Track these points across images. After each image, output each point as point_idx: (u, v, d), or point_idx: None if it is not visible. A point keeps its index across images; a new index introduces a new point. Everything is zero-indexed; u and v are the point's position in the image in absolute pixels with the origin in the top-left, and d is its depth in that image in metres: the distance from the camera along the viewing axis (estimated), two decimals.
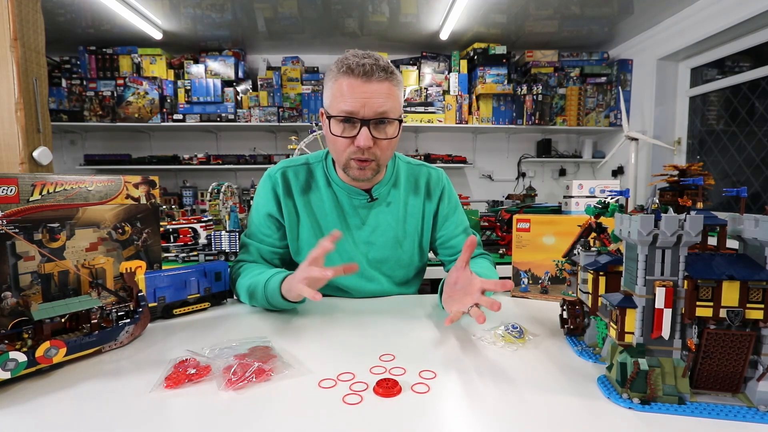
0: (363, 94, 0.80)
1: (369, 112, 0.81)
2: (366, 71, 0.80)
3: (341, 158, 0.88)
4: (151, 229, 0.91)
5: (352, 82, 0.80)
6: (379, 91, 0.81)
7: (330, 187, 0.99)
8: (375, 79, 0.80)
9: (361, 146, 0.83)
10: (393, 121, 0.85)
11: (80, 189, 0.78)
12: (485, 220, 2.26)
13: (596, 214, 0.71)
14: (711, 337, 0.48)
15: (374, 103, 0.81)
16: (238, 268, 0.96)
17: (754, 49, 2.45)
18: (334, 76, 0.83)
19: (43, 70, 1.58)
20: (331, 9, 2.66)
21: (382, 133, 0.85)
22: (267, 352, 0.62)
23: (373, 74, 0.80)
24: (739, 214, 0.50)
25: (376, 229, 0.99)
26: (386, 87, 0.82)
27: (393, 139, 0.87)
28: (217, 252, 1.89)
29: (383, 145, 0.86)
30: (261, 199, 0.99)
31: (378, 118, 0.82)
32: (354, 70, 0.80)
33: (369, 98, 0.80)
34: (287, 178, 0.98)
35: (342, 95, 0.81)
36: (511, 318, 0.80)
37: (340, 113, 0.82)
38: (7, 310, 0.67)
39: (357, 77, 0.80)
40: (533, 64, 3.31)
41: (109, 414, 0.48)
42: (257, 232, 1.00)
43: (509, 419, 0.47)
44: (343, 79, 0.81)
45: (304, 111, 3.21)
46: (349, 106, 0.81)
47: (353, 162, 0.87)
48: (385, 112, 0.82)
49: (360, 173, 0.88)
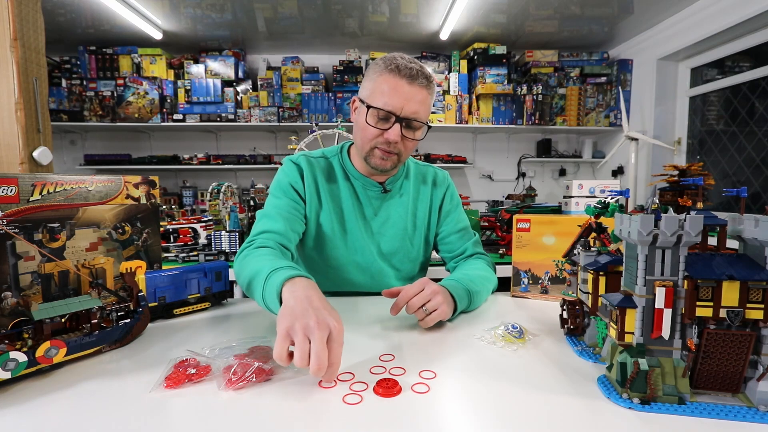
0: (405, 95, 0.86)
1: (405, 112, 0.87)
2: (412, 75, 0.86)
3: (367, 146, 0.93)
4: (151, 229, 0.91)
5: (398, 82, 0.86)
6: (417, 95, 0.88)
7: (347, 179, 1.03)
8: (417, 84, 0.87)
9: (391, 140, 0.89)
10: (422, 125, 0.92)
11: (80, 189, 0.78)
12: (485, 220, 2.26)
13: (596, 214, 0.71)
14: (711, 337, 0.48)
15: (412, 105, 0.87)
16: (246, 254, 0.84)
17: (754, 49, 2.45)
18: (380, 71, 0.88)
19: (43, 70, 1.58)
20: (331, 9, 2.66)
21: (411, 133, 0.92)
22: (267, 352, 0.62)
23: (417, 79, 0.87)
24: (739, 214, 0.50)
25: (387, 220, 1.04)
26: (424, 94, 0.89)
27: (417, 140, 0.94)
28: (217, 252, 1.90)
29: (408, 144, 0.93)
30: (283, 176, 0.99)
31: (411, 118, 0.88)
32: (401, 71, 0.86)
33: (409, 100, 0.87)
34: (311, 162, 1.01)
35: (385, 91, 0.87)
36: (511, 318, 0.80)
37: (381, 106, 0.87)
38: (7, 310, 0.67)
39: (402, 78, 0.86)
40: (533, 64, 3.31)
41: (109, 414, 0.48)
42: (273, 211, 0.94)
43: (509, 419, 0.47)
44: (388, 76, 0.87)
45: (304, 111, 3.21)
46: (391, 102, 0.86)
47: (378, 151, 0.92)
48: (418, 115, 0.89)
49: (381, 162, 0.94)
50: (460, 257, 1.06)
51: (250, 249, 0.85)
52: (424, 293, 0.74)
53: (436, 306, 0.74)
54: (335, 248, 1.00)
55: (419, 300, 0.73)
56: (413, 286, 0.75)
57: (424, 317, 0.74)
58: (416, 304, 0.73)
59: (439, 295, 0.75)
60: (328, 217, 0.99)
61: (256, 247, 0.85)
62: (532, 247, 0.99)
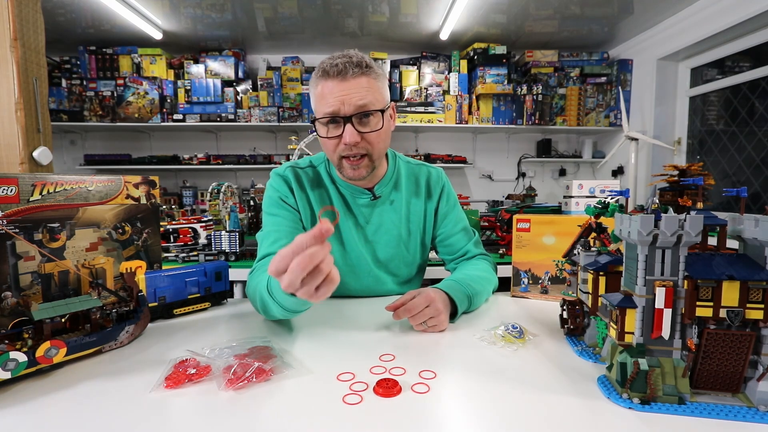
0: (341, 93, 0.82)
1: (349, 109, 0.83)
2: (340, 70, 0.81)
3: (335, 159, 0.89)
4: (151, 229, 0.91)
5: (330, 84, 0.82)
6: (356, 87, 0.82)
7: (335, 185, 1.00)
8: (350, 76, 0.82)
9: (348, 143, 0.84)
10: (376, 113, 0.86)
11: (80, 189, 0.78)
12: (485, 220, 2.26)
13: (596, 214, 0.71)
14: (711, 337, 0.48)
15: (353, 99, 0.82)
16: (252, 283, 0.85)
17: (754, 49, 2.45)
18: (315, 82, 0.86)
19: (43, 70, 1.58)
20: (331, 9, 2.66)
21: (367, 127, 0.86)
22: (267, 352, 0.62)
23: (347, 71, 0.82)
24: (739, 214, 0.50)
25: (380, 227, 1.01)
26: (364, 81, 0.83)
27: (380, 130, 0.87)
28: (217, 252, 1.89)
29: (371, 138, 0.87)
30: (272, 191, 0.97)
31: (360, 112, 0.83)
32: (329, 72, 0.82)
33: (347, 95, 0.82)
34: (298, 174, 0.99)
35: (323, 98, 0.84)
36: (511, 318, 0.80)
37: (323, 115, 0.84)
38: (7, 310, 0.67)
39: (333, 78, 0.82)
40: (533, 64, 3.31)
41: (109, 414, 0.48)
42: (271, 230, 0.93)
43: (509, 419, 0.47)
44: (321, 83, 0.84)
45: (304, 111, 3.21)
46: (330, 106, 0.83)
47: (345, 162, 0.88)
48: (366, 105, 0.83)
49: (353, 173, 0.89)
50: (462, 258, 1.05)
51: (254, 276, 0.85)
52: (428, 311, 0.74)
53: (437, 324, 0.75)
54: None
55: (422, 317, 0.74)
56: (418, 301, 0.75)
57: (423, 330, 0.75)
58: (418, 320, 0.74)
59: (442, 314, 0.75)
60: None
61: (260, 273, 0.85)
62: (532, 247, 0.99)
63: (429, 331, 0.75)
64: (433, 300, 0.75)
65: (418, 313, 0.74)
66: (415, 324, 0.75)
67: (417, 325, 0.75)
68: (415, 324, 0.75)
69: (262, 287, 0.75)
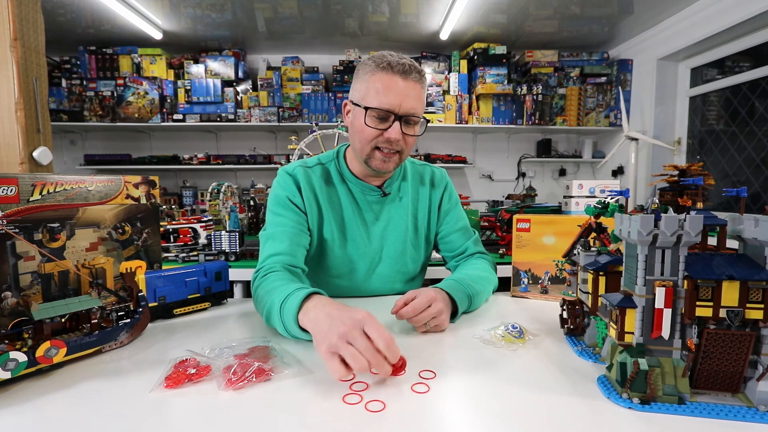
0: (401, 92, 0.85)
1: (404, 109, 0.86)
2: (405, 70, 0.85)
3: (367, 148, 0.90)
4: (151, 229, 0.91)
5: (392, 79, 0.84)
6: (413, 91, 0.86)
7: (345, 184, 1.01)
8: (411, 79, 0.86)
9: (392, 139, 0.87)
10: (419, 120, 0.91)
11: (80, 189, 0.78)
12: (485, 220, 2.26)
13: (596, 214, 0.71)
14: (711, 337, 0.48)
15: (409, 102, 0.86)
16: (257, 285, 0.84)
17: (754, 49, 2.45)
18: (372, 71, 0.86)
19: (43, 70, 1.58)
20: (331, 9, 2.66)
21: (410, 130, 0.90)
22: (267, 352, 0.62)
23: (411, 74, 0.85)
24: (739, 214, 0.50)
25: (389, 223, 1.02)
26: (418, 88, 0.88)
27: (417, 136, 0.93)
28: (217, 252, 1.89)
29: (409, 140, 0.91)
30: (280, 189, 0.96)
31: (410, 114, 0.87)
32: (394, 68, 0.84)
33: (405, 96, 0.85)
34: (308, 173, 0.99)
35: (380, 90, 0.85)
36: (511, 318, 0.80)
37: (378, 105, 0.85)
38: (7, 310, 0.67)
39: (396, 74, 0.84)
40: (533, 64, 3.31)
41: (109, 414, 0.48)
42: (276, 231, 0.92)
43: (509, 419, 0.47)
44: (382, 75, 0.85)
45: (304, 111, 3.21)
46: (388, 101, 0.85)
47: (378, 153, 0.90)
48: (416, 111, 0.88)
49: (383, 165, 0.91)
50: (461, 256, 1.06)
51: (260, 278, 0.84)
52: (430, 311, 0.74)
53: (438, 324, 0.75)
54: (337, 256, 0.99)
55: (425, 317, 0.74)
56: (421, 301, 0.74)
57: (424, 330, 0.75)
58: (421, 320, 0.74)
59: (444, 314, 0.75)
60: (329, 226, 0.98)
61: (265, 275, 0.84)
62: (532, 247, 0.99)
63: (430, 331, 0.75)
64: (435, 299, 0.75)
65: (420, 314, 0.74)
66: (418, 326, 0.75)
67: (419, 327, 0.75)
68: (417, 326, 0.75)
69: (274, 304, 0.72)
